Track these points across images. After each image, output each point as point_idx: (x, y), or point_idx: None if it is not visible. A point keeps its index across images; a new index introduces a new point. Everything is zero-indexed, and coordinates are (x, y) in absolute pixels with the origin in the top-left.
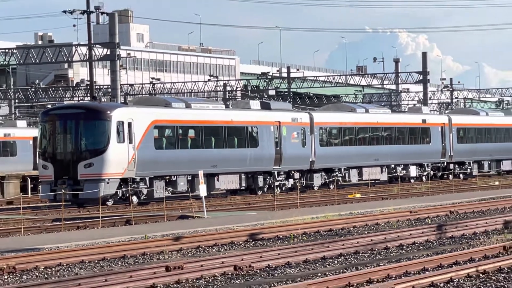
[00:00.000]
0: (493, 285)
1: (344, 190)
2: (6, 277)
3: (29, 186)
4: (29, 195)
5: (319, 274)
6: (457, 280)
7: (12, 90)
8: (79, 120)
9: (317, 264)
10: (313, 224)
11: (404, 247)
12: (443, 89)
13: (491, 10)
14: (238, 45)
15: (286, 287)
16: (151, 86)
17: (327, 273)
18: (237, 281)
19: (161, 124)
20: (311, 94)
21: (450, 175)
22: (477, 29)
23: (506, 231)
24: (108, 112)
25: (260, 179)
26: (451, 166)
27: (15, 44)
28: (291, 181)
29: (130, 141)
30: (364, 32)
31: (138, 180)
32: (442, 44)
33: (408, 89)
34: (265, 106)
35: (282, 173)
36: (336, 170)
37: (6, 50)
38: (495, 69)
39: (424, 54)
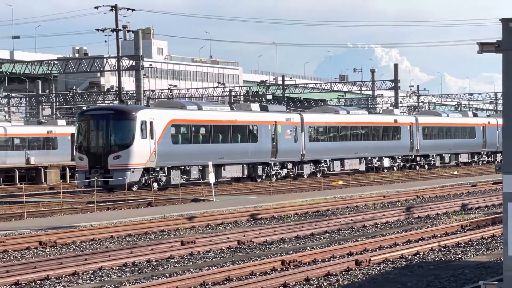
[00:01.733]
0: (452, 257)
1: (329, 178)
2: (48, 249)
3: (68, 174)
4: (68, 182)
5: (308, 248)
6: (422, 253)
7: (53, 94)
8: (109, 120)
9: (307, 239)
10: (303, 206)
11: (379, 225)
12: (411, 95)
13: (452, 29)
14: (241, 57)
15: (282, 258)
16: (169, 91)
17: (315, 247)
18: (240, 253)
19: (177, 123)
20: (302, 99)
21: (417, 166)
22: (440, 44)
23: (463, 212)
24: (133, 113)
25: (259, 169)
26: (418, 158)
27: (56, 56)
28: (285, 170)
29: (152, 137)
30: (346, 47)
31: (158, 169)
32: (411, 57)
33: (382, 94)
34: (264, 108)
35: (277, 164)
36: (322, 161)
37: (49, 62)
38: (455, 78)
39: (395, 66)
